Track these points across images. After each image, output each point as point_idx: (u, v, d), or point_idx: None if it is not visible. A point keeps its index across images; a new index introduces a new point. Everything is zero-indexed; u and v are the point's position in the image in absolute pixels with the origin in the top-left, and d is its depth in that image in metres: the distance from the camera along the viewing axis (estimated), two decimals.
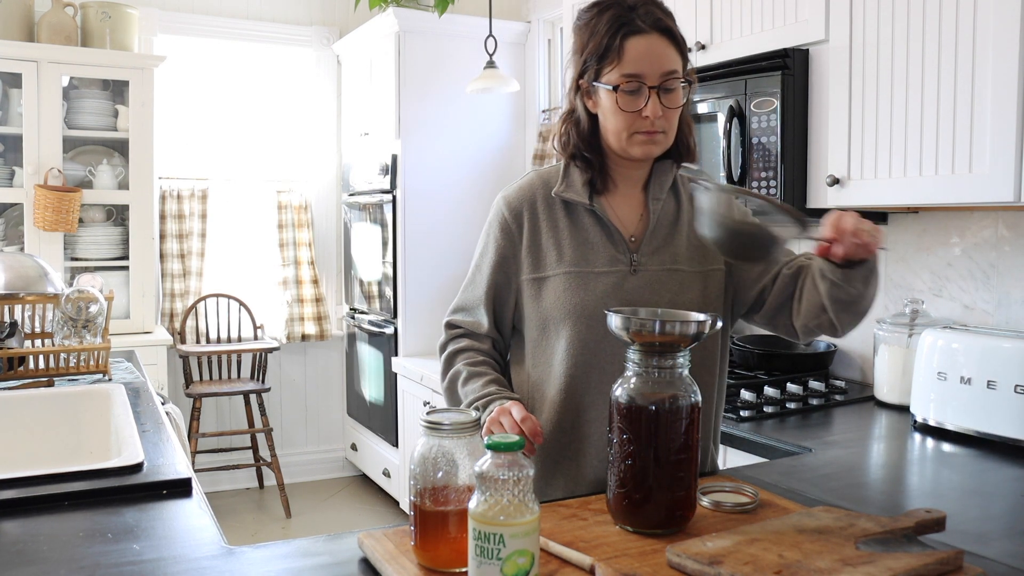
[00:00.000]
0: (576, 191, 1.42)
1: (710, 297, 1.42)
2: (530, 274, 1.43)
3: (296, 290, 4.42)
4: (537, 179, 1.47)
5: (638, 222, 1.43)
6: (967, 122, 1.79)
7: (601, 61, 1.34)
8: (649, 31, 1.32)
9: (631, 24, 1.32)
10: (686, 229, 1.44)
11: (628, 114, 1.33)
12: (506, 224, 1.45)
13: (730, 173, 2.28)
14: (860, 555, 0.99)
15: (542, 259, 1.42)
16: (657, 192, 1.44)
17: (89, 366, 2.21)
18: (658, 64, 1.32)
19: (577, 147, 1.42)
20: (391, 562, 1.02)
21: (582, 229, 1.42)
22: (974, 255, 2.17)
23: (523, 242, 1.44)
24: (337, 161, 4.57)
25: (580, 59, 1.39)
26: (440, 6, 3.68)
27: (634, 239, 1.42)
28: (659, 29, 1.33)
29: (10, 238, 3.76)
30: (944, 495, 1.48)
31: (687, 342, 1.12)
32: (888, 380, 2.16)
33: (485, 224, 1.51)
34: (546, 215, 1.43)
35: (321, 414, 4.65)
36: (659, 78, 1.32)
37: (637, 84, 1.32)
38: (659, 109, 1.32)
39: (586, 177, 1.42)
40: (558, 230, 1.42)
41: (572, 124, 1.43)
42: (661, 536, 1.11)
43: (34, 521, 1.23)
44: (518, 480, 0.90)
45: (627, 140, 1.36)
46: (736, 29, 2.38)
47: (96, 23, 3.77)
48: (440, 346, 1.54)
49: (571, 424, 1.40)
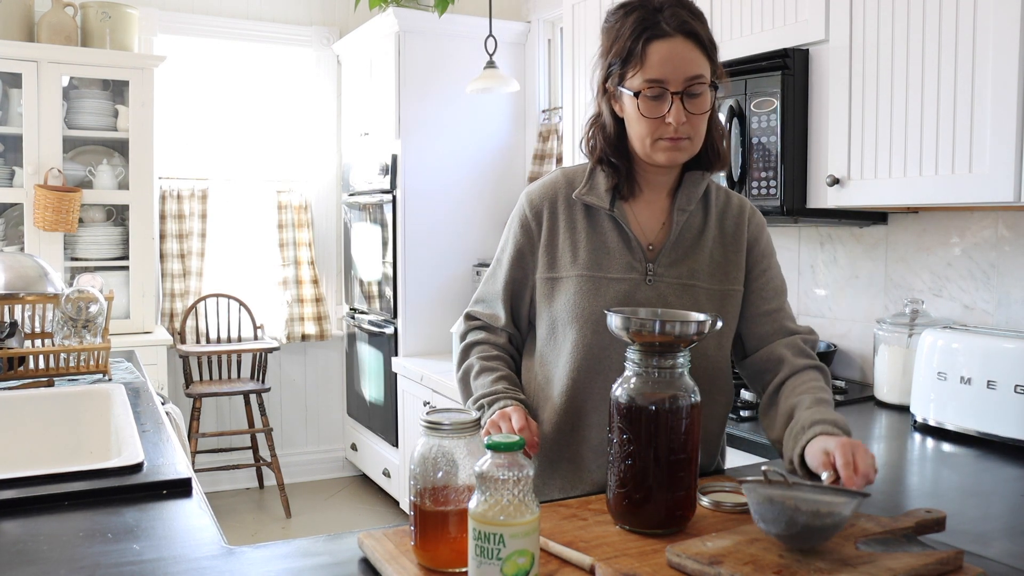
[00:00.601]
0: (598, 195, 1.40)
1: (726, 317, 1.40)
2: (544, 273, 1.42)
3: (296, 290, 4.42)
4: (562, 178, 1.45)
5: (659, 230, 1.41)
6: (967, 122, 1.79)
7: (624, 65, 1.32)
8: (673, 35, 1.29)
9: (655, 28, 1.29)
10: (710, 244, 1.42)
11: (651, 120, 1.31)
12: (526, 221, 1.44)
13: (730, 173, 2.28)
14: (860, 555, 0.99)
15: (557, 259, 1.41)
16: (684, 203, 1.40)
17: (89, 366, 2.21)
18: (682, 69, 1.29)
19: (604, 152, 1.40)
20: (391, 562, 1.02)
21: (600, 233, 1.40)
22: (974, 255, 2.17)
23: (541, 240, 1.43)
24: (337, 161, 4.57)
25: (605, 62, 1.36)
26: (440, 6, 3.68)
27: (652, 248, 1.39)
28: (684, 32, 1.29)
29: (10, 238, 3.76)
30: (944, 495, 1.48)
31: (687, 342, 1.12)
32: (888, 380, 2.16)
33: (509, 219, 1.50)
34: (566, 215, 1.42)
35: (321, 414, 4.65)
36: (683, 83, 1.29)
37: (660, 90, 1.29)
38: (683, 115, 1.29)
39: (611, 182, 1.40)
40: (575, 232, 1.41)
41: (599, 128, 1.41)
42: (661, 536, 1.11)
43: (34, 521, 1.23)
44: (518, 480, 0.90)
45: (651, 146, 1.33)
46: (736, 29, 2.38)
47: (96, 23, 3.77)
48: (459, 336, 1.53)
49: (571, 427, 1.40)
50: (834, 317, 2.56)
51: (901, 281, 2.35)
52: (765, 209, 2.21)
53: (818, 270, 2.60)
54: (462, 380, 1.49)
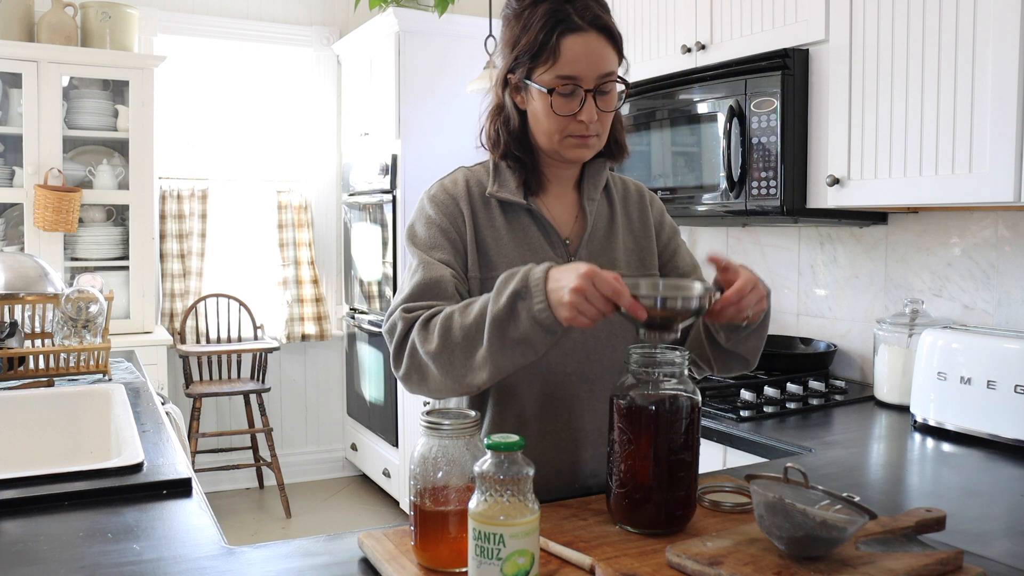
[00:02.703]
0: (510, 190, 1.34)
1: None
2: (477, 272, 1.32)
3: (296, 290, 4.42)
4: (466, 176, 1.37)
5: (574, 224, 1.38)
6: (967, 122, 1.79)
7: (535, 59, 1.25)
8: (587, 29, 1.24)
9: (568, 20, 1.23)
10: (622, 233, 1.41)
11: (562, 117, 1.26)
12: (448, 210, 1.32)
13: (730, 173, 2.28)
14: (860, 555, 0.99)
15: (486, 259, 1.32)
16: (592, 192, 1.38)
17: (89, 366, 2.21)
18: (596, 66, 1.24)
19: (508, 146, 1.34)
20: (391, 562, 1.02)
21: (520, 230, 1.34)
22: (974, 255, 2.17)
23: (468, 237, 1.32)
24: (337, 161, 4.57)
25: (511, 53, 1.29)
26: (440, 6, 3.68)
27: (569, 241, 1.37)
28: (597, 27, 1.25)
29: (10, 238, 3.76)
30: (944, 495, 1.48)
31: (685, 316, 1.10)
32: (888, 380, 2.16)
33: (411, 227, 1.35)
34: (483, 213, 1.34)
35: (321, 414, 4.65)
36: (595, 81, 1.25)
37: (572, 87, 1.24)
38: (595, 113, 1.26)
39: (519, 177, 1.35)
40: (496, 230, 1.34)
41: (502, 122, 1.34)
42: (661, 536, 1.10)
43: (34, 521, 1.23)
44: (518, 480, 0.90)
45: (559, 142, 1.29)
46: (736, 29, 2.37)
47: (96, 23, 3.77)
48: (399, 337, 1.23)
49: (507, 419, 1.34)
50: (834, 317, 2.56)
51: (901, 281, 2.35)
52: (765, 209, 2.21)
53: (818, 270, 2.60)
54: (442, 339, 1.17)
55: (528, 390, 1.33)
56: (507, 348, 1.13)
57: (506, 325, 1.12)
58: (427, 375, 1.21)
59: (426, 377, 1.21)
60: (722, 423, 1.98)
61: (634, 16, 2.75)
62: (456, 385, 1.19)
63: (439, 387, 1.21)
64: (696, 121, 2.42)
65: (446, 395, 1.24)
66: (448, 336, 1.17)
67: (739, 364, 1.38)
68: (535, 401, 1.33)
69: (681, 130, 2.47)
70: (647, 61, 2.68)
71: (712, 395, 2.20)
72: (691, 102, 2.43)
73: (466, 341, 1.16)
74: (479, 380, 1.16)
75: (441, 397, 1.27)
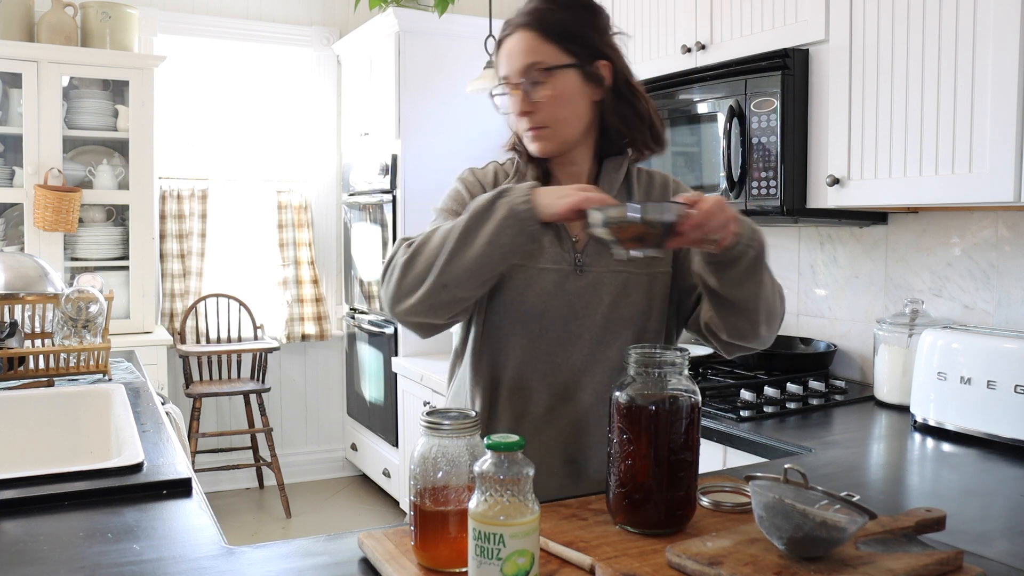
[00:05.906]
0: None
1: (655, 300, 1.39)
2: None
3: (296, 290, 4.42)
4: (495, 168, 1.49)
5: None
6: (967, 122, 1.79)
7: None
8: (513, 31, 1.34)
9: (503, 30, 1.36)
10: None
11: (510, 115, 1.37)
12: (474, 190, 1.43)
13: (730, 173, 2.28)
14: (860, 555, 0.99)
15: None
16: (605, 189, 1.40)
17: (89, 366, 2.20)
18: (516, 61, 1.32)
19: (516, 147, 1.45)
20: (391, 562, 1.02)
21: None
22: (974, 255, 2.17)
23: None
24: (337, 161, 4.57)
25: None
26: (440, 6, 3.68)
27: (577, 239, 1.39)
28: (522, 25, 1.33)
29: (10, 238, 3.76)
30: (944, 495, 1.48)
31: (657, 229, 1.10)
32: (888, 380, 2.16)
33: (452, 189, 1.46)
34: None
35: (321, 414, 4.65)
36: (519, 74, 1.32)
37: (504, 86, 1.35)
38: (519, 105, 1.33)
39: (535, 175, 1.42)
40: None
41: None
42: (661, 536, 1.10)
43: (34, 521, 1.23)
44: (518, 480, 0.90)
45: (525, 140, 1.38)
46: (736, 29, 2.38)
47: (96, 23, 3.77)
48: (390, 255, 1.33)
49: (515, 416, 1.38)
50: (834, 317, 2.56)
51: (901, 281, 2.35)
52: (765, 209, 2.21)
53: (818, 270, 2.60)
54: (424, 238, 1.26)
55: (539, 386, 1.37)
56: (476, 239, 1.20)
57: (483, 214, 1.21)
58: (404, 277, 1.26)
59: (403, 278, 1.26)
60: (722, 423, 1.98)
61: (634, 16, 2.75)
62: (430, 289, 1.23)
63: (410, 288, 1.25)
64: (696, 121, 2.42)
65: (424, 310, 1.26)
66: (428, 237, 1.27)
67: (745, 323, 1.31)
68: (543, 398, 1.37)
69: (681, 130, 2.47)
70: (647, 61, 2.68)
71: (712, 395, 2.20)
72: (691, 102, 2.43)
73: (441, 239, 1.24)
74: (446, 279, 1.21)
75: (420, 314, 1.28)
